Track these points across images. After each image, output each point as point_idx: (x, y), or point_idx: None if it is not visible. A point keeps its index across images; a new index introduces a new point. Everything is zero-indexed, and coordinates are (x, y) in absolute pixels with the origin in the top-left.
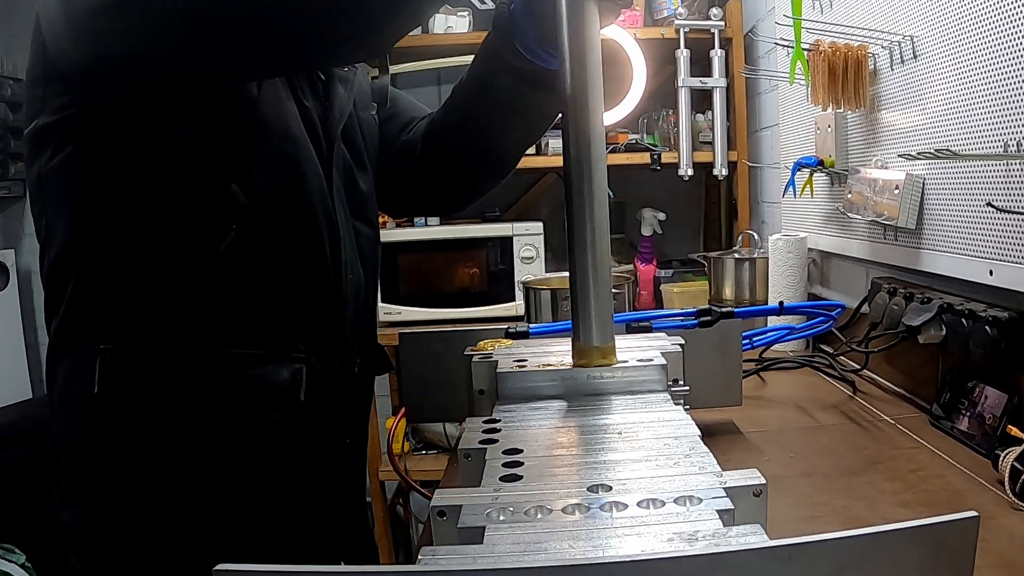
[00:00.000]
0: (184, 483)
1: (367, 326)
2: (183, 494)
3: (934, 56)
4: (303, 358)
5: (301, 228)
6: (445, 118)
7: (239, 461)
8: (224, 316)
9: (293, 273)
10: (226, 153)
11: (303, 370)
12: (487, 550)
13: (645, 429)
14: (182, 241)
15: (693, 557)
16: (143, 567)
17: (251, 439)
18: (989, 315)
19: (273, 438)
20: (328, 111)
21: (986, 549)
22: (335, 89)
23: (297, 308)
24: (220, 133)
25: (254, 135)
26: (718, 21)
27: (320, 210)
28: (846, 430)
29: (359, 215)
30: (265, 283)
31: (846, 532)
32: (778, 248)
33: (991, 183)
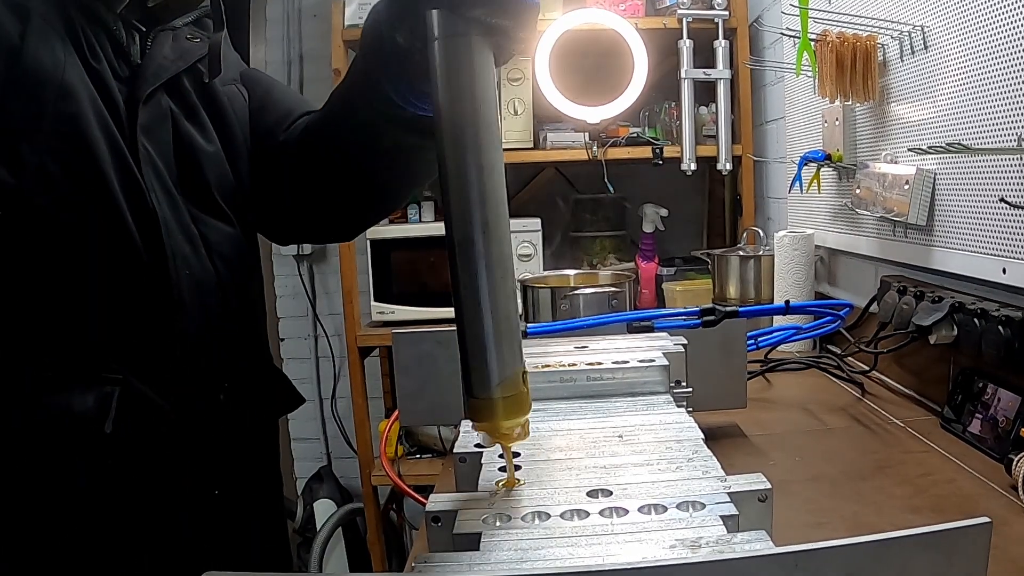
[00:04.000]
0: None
1: (237, 345)
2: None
3: (945, 47)
4: (117, 379)
5: (93, 208)
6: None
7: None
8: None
9: (91, 267)
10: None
11: (115, 394)
12: (483, 557)
13: (647, 432)
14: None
15: (696, 564)
16: None
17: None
18: (1002, 315)
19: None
20: (137, 72)
21: (999, 556)
22: (156, 48)
23: (103, 313)
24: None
25: (16, 92)
26: (722, 10)
27: (119, 186)
28: (854, 433)
29: (203, 205)
30: (58, 280)
31: (854, 539)
32: (784, 245)
33: (1004, 178)
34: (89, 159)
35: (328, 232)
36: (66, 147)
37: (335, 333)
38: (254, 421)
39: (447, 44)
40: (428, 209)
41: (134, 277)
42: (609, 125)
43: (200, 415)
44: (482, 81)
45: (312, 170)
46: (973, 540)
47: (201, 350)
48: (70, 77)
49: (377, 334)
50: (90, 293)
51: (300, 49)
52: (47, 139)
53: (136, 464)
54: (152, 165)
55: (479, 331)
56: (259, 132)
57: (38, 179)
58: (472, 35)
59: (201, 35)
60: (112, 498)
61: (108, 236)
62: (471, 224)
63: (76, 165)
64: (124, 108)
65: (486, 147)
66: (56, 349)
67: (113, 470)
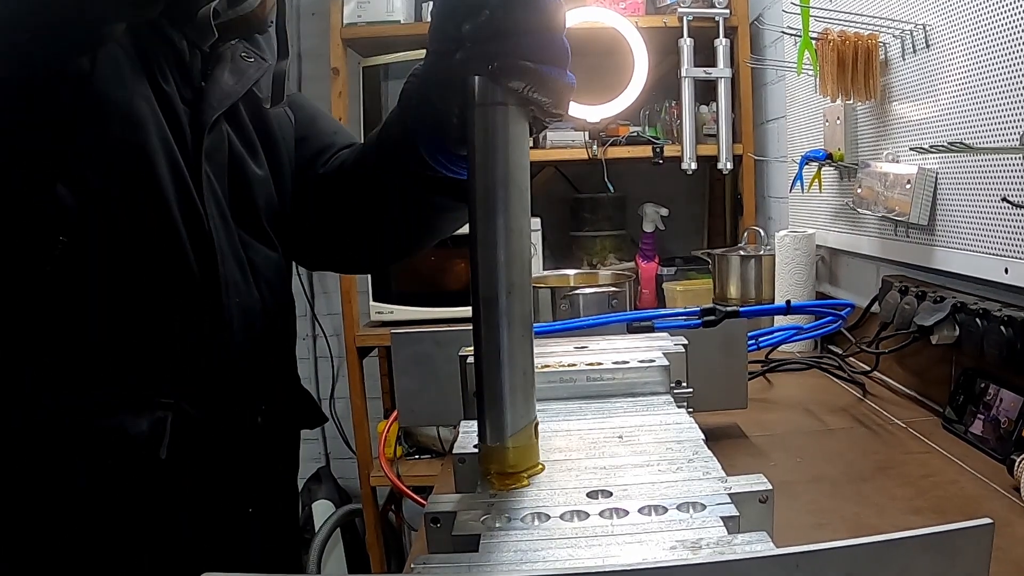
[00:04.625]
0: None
1: (275, 366)
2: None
3: (947, 45)
4: (170, 404)
5: (153, 234)
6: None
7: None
8: (60, 352)
9: (147, 293)
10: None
11: (168, 419)
12: (482, 558)
13: (647, 433)
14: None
15: (697, 566)
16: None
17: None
18: (1004, 315)
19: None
20: (201, 95)
21: (1001, 558)
22: (218, 73)
23: (157, 338)
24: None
25: (83, 119)
26: (723, 9)
27: (178, 211)
28: (855, 434)
29: (252, 230)
30: (114, 306)
31: (855, 540)
32: (785, 245)
33: (1007, 177)
34: (152, 188)
35: (349, 266)
36: (130, 175)
37: (334, 333)
38: (283, 439)
39: (486, 111)
40: None
41: (188, 303)
42: (609, 124)
43: (240, 435)
44: (516, 148)
45: (341, 207)
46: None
47: (245, 375)
48: (137, 105)
49: (376, 334)
50: (145, 317)
51: (299, 48)
52: (112, 167)
53: (180, 485)
54: (212, 191)
55: (497, 385)
56: (301, 161)
57: (101, 205)
58: (511, 105)
59: (255, 53)
60: (150, 516)
61: (166, 264)
62: (497, 285)
63: (139, 193)
64: (189, 134)
65: (515, 211)
66: (112, 374)
67: (161, 491)
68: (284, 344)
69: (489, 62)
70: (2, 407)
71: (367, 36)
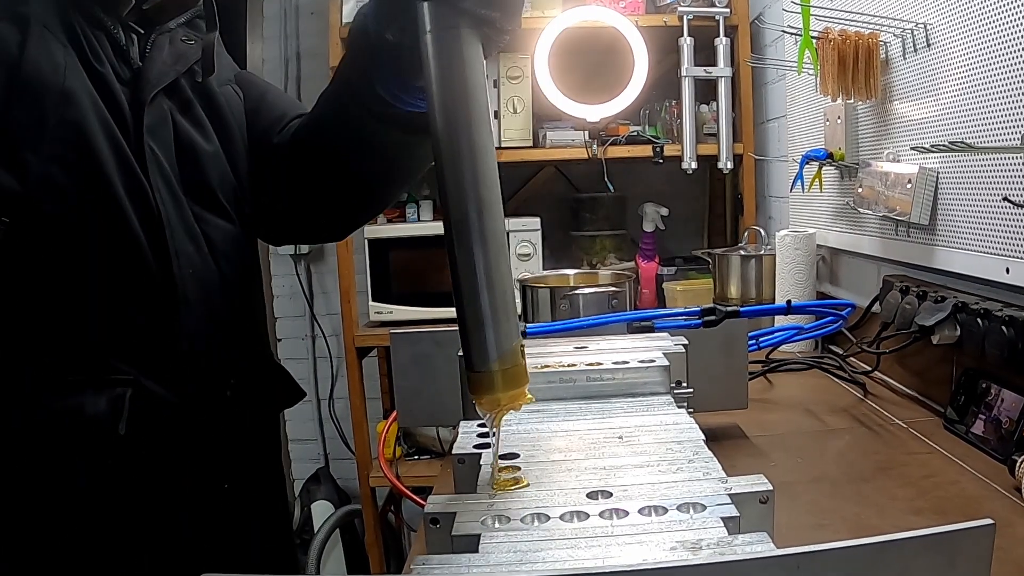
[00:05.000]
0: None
1: (241, 340)
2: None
3: (948, 45)
4: (128, 380)
5: (99, 213)
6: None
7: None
8: (12, 333)
9: (97, 270)
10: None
11: (126, 395)
12: (482, 559)
13: (647, 433)
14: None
15: (697, 567)
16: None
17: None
18: (1005, 315)
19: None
20: (139, 74)
21: (1002, 558)
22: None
23: (110, 315)
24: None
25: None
26: (723, 8)
27: (123, 189)
28: (856, 434)
29: (206, 203)
30: (61, 286)
31: (856, 541)
32: (785, 244)
33: (1008, 177)
34: (93, 164)
35: (320, 232)
36: (70, 153)
37: (333, 333)
38: (258, 416)
39: (439, 36)
40: (427, 208)
41: (139, 278)
42: (609, 123)
43: (208, 412)
44: (473, 70)
45: (304, 172)
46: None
47: (206, 347)
48: (72, 83)
49: (375, 334)
50: (96, 295)
51: (297, 47)
52: (51, 146)
53: (145, 463)
54: (158, 166)
55: (477, 307)
56: (254, 135)
57: (43, 185)
58: (462, 27)
59: (195, 37)
60: (118, 497)
61: (113, 239)
62: (467, 203)
63: (80, 170)
64: (129, 111)
65: (478, 131)
66: (64, 352)
67: (123, 470)
68: (251, 318)
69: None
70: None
71: None
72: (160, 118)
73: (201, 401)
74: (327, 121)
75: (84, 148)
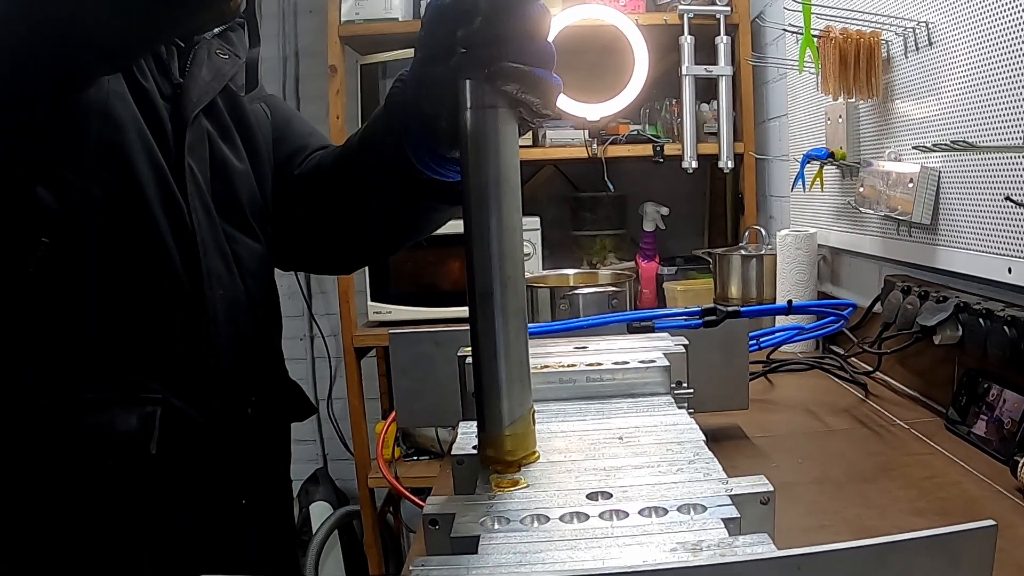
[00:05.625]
0: None
1: (262, 357)
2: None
3: (950, 43)
4: (158, 399)
5: (135, 232)
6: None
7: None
8: (46, 352)
9: (131, 290)
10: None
11: (156, 414)
12: (481, 560)
13: (647, 434)
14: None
15: (697, 568)
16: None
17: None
18: (1008, 315)
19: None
20: (181, 91)
21: (1004, 560)
22: (196, 69)
23: (142, 334)
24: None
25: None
26: (724, 6)
27: (160, 208)
28: (857, 435)
29: (236, 222)
30: (95, 305)
31: (858, 542)
32: (786, 244)
33: (1010, 176)
34: (131, 184)
35: (326, 264)
36: (110, 174)
37: (331, 333)
38: (274, 431)
39: (478, 114)
40: None
41: (172, 297)
42: (609, 122)
43: (230, 429)
44: (507, 149)
45: (321, 207)
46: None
47: (231, 365)
48: (115, 103)
49: (374, 334)
50: (128, 313)
51: (296, 45)
52: (91, 167)
53: (170, 481)
54: (195, 185)
55: (494, 375)
56: (277, 160)
57: (82, 205)
58: (500, 107)
59: (229, 51)
60: (141, 515)
61: (148, 258)
62: (491, 279)
63: (118, 189)
64: (170, 129)
65: (508, 209)
66: (95, 369)
67: (149, 488)
68: (271, 335)
69: (483, 66)
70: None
71: (365, 34)
72: (199, 136)
73: (225, 419)
74: (351, 169)
75: (123, 168)
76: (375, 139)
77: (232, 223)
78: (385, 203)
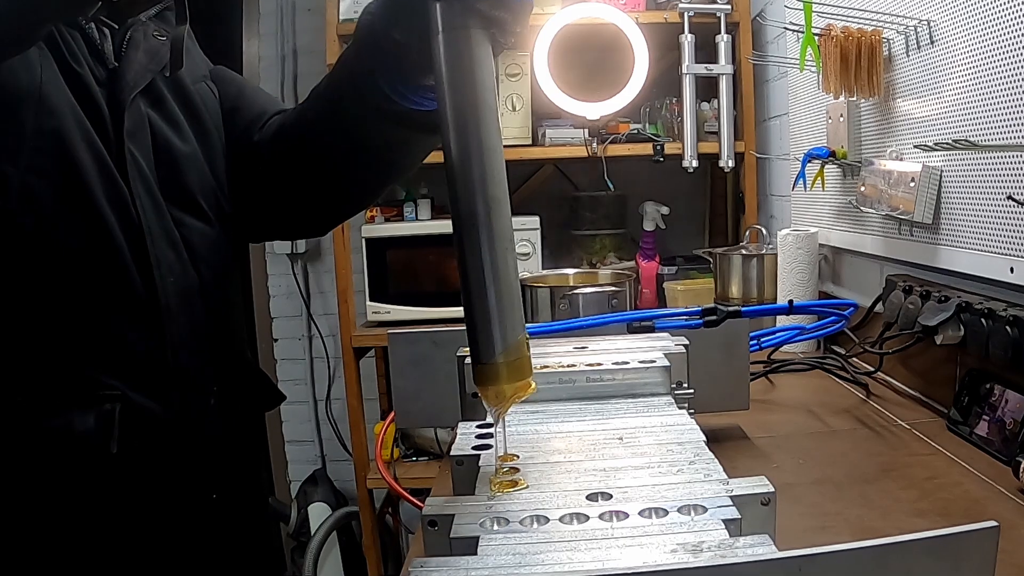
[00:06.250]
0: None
1: (221, 346)
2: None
3: (952, 41)
4: (116, 395)
5: (81, 225)
6: (299, 129)
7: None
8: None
9: (79, 283)
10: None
11: (115, 411)
12: (481, 561)
13: (647, 434)
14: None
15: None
16: None
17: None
18: (1010, 315)
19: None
20: (116, 75)
21: (1006, 561)
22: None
23: (94, 329)
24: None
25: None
26: (724, 5)
27: (103, 195)
28: (859, 435)
29: (184, 206)
30: (47, 301)
31: (859, 543)
32: (787, 244)
33: (1012, 175)
34: (74, 174)
35: (304, 227)
36: (49, 164)
37: (330, 334)
38: (241, 422)
39: (451, 36)
40: (424, 207)
41: (122, 289)
42: (609, 121)
43: (194, 422)
44: (483, 69)
45: (288, 167)
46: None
47: (190, 356)
48: (49, 90)
49: (373, 334)
50: (79, 308)
51: (294, 44)
52: (30, 157)
53: (135, 478)
54: (138, 171)
55: (484, 301)
56: (234, 132)
57: (23, 199)
58: (472, 27)
59: (166, 32)
60: (107, 514)
61: (95, 250)
62: (475, 200)
63: (61, 182)
64: (108, 114)
65: (488, 130)
66: (48, 369)
67: (113, 487)
68: (228, 321)
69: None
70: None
71: None
72: (139, 120)
73: (187, 412)
74: (320, 116)
75: (63, 157)
76: (345, 76)
77: (180, 207)
78: (359, 142)
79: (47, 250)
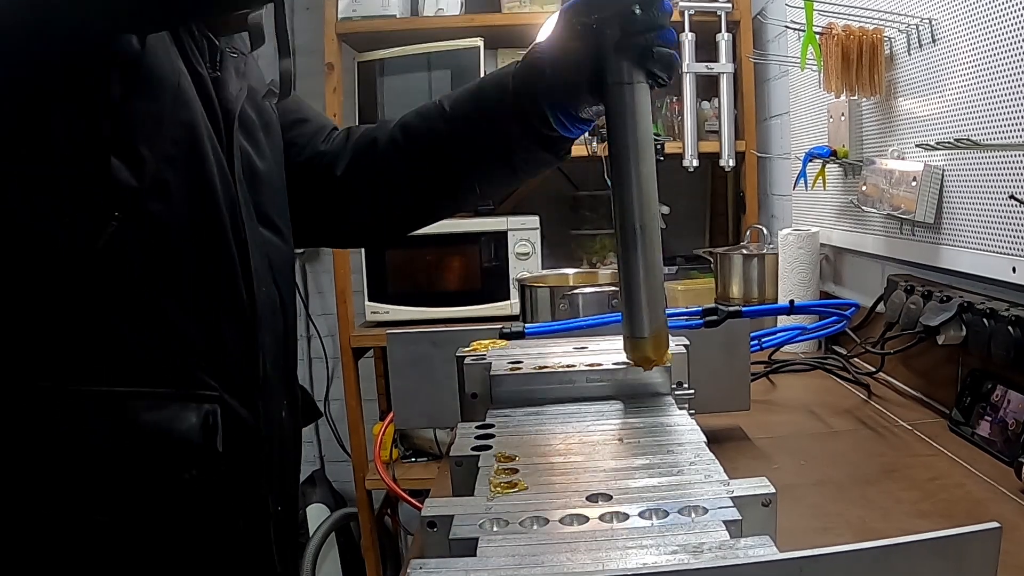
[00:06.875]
0: None
1: (287, 360)
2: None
3: (954, 40)
4: (215, 397)
5: (204, 218)
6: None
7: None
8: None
9: (196, 279)
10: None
11: (217, 413)
12: (480, 563)
13: (648, 435)
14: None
15: (698, 571)
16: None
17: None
18: (1012, 315)
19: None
20: (220, 84)
21: (1008, 562)
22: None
23: (203, 328)
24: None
25: (138, 93)
26: (725, 3)
27: (223, 196)
28: (860, 436)
29: (263, 219)
30: (160, 293)
31: (860, 544)
32: (788, 243)
33: (1014, 175)
34: (203, 171)
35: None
36: (182, 156)
37: (328, 334)
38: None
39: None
40: None
41: (230, 292)
42: None
43: (273, 430)
44: (646, 116)
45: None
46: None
47: (273, 367)
48: (184, 83)
49: (371, 334)
50: (192, 302)
51: (292, 43)
52: (165, 144)
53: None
54: (241, 181)
55: (640, 292)
56: (299, 141)
57: (155, 183)
58: (643, 81)
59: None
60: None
61: (211, 248)
62: (635, 221)
63: (190, 175)
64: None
65: (646, 164)
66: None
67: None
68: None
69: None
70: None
71: (362, 31)
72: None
73: (269, 421)
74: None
75: (194, 151)
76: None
77: (263, 223)
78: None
79: (168, 240)
